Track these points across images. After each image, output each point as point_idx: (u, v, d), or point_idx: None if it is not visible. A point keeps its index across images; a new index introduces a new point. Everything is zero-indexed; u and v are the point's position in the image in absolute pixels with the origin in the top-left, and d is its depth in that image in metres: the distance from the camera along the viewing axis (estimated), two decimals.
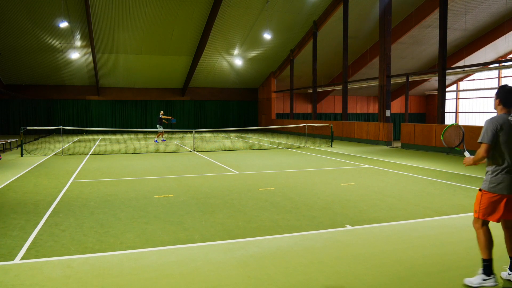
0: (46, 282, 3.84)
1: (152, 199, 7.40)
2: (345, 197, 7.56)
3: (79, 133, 30.36)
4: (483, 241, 3.73)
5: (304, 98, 34.79)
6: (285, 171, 10.86)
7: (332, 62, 29.28)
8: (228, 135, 28.64)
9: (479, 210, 3.77)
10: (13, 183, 9.18)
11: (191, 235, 5.29)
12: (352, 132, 21.82)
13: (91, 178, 9.88)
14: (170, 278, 3.93)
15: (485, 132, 3.70)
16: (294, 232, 5.40)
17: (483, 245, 3.73)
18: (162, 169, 11.27)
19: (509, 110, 3.75)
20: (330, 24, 25.07)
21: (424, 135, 16.64)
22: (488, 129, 3.68)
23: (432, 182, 9.08)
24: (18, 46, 24.39)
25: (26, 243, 4.95)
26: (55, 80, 29.68)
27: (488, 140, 3.68)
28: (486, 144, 3.69)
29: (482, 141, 3.72)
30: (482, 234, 3.74)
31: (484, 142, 3.71)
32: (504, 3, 22.65)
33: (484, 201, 3.73)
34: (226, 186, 8.65)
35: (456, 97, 33.79)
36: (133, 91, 32.27)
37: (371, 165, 12.10)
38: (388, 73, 19.26)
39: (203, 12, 23.45)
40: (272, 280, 3.88)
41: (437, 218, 6.12)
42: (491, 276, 3.70)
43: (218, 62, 29.73)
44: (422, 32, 25.19)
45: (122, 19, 23.10)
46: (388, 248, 4.77)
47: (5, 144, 16.62)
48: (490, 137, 3.67)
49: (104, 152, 16.09)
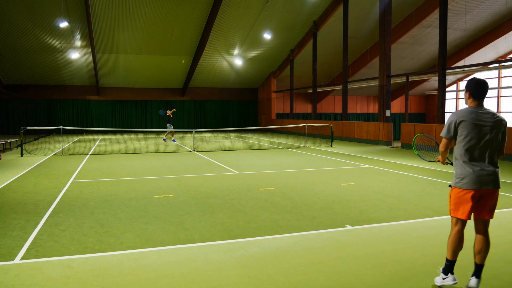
0: (46, 282, 3.84)
1: (152, 199, 7.40)
2: (345, 197, 7.56)
3: (79, 133, 30.35)
4: (451, 240, 3.67)
5: (304, 98, 34.79)
6: (285, 171, 10.86)
7: (332, 62, 29.27)
8: (228, 135, 28.64)
9: (449, 207, 3.72)
10: (13, 183, 9.18)
11: (191, 235, 5.29)
12: (352, 132, 21.82)
13: (91, 178, 9.88)
14: (170, 278, 3.93)
15: (445, 126, 3.68)
16: (294, 232, 5.40)
17: (450, 244, 3.67)
18: (162, 169, 11.27)
19: (479, 103, 3.63)
20: (330, 24, 25.07)
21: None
22: (447, 123, 3.66)
23: (432, 182, 9.08)
24: (18, 46, 24.39)
25: (26, 243, 4.95)
26: (55, 80, 29.68)
27: (445, 134, 3.67)
28: (444, 138, 3.68)
29: (441, 135, 3.72)
30: (452, 234, 3.68)
31: (442, 136, 3.70)
32: (504, 3, 22.64)
33: (453, 196, 3.68)
34: (226, 186, 8.65)
35: (456, 97, 33.79)
36: (133, 91, 32.27)
37: (371, 165, 12.10)
38: (388, 73, 19.26)
39: (203, 12, 23.45)
40: (272, 280, 3.88)
41: (437, 218, 6.12)
42: (448, 275, 3.67)
43: (218, 62, 29.72)
44: (422, 32, 25.19)
45: (122, 19, 23.10)
46: (388, 248, 4.77)
47: (5, 144, 16.62)
48: (447, 131, 3.65)
49: (104, 152, 16.09)
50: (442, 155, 3.83)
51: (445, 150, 3.76)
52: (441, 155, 3.84)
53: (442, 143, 3.73)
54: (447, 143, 3.70)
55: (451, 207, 3.69)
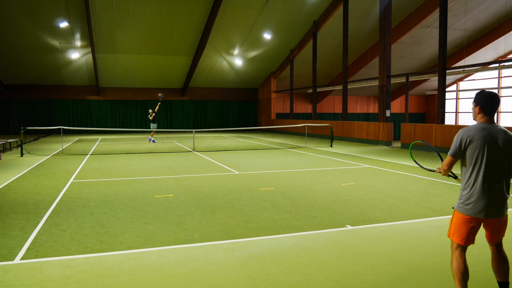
0: (46, 282, 3.84)
1: (152, 199, 7.40)
2: (345, 197, 7.56)
3: (79, 133, 30.34)
4: (455, 268, 3.27)
5: (304, 98, 34.79)
6: (285, 171, 10.86)
7: (332, 62, 29.28)
8: (228, 135, 28.64)
9: (449, 229, 3.39)
10: (13, 183, 9.18)
11: (191, 235, 5.29)
12: (352, 132, 21.82)
13: (91, 178, 9.88)
14: (170, 278, 3.93)
15: (453, 144, 3.29)
16: (294, 232, 5.40)
17: (455, 274, 3.27)
18: (162, 169, 11.27)
19: (490, 119, 3.22)
20: (330, 24, 25.07)
21: (424, 135, 16.64)
22: (455, 141, 3.25)
23: (432, 182, 9.07)
24: (18, 46, 24.38)
25: (26, 243, 4.95)
26: (55, 80, 29.67)
27: (451, 152, 3.29)
28: (449, 156, 3.31)
29: (449, 153, 3.33)
30: (454, 260, 3.30)
31: (448, 154, 3.34)
32: (504, 3, 22.65)
33: (454, 220, 3.33)
34: (226, 186, 8.65)
35: (456, 97, 33.80)
36: (133, 91, 32.26)
37: (371, 165, 12.10)
38: (388, 73, 19.26)
39: (203, 12, 23.44)
40: (272, 280, 3.88)
41: (437, 218, 6.12)
42: None
43: (218, 62, 29.72)
44: (422, 32, 25.19)
45: (122, 19, 23.10)
46: (388, 248, 4.76)
47: (5, 144, 16.62)
48: (454, 149, 3.26)
49: (104, 152, 16.08)
50: (444, 172, 3.47)
51: (448, 169, 3.40)
52: (443, 171, 3.47)
53: (447, 161, 3.35)
54: (452, 162, 3.33)
55: (451, 229, 3.35)
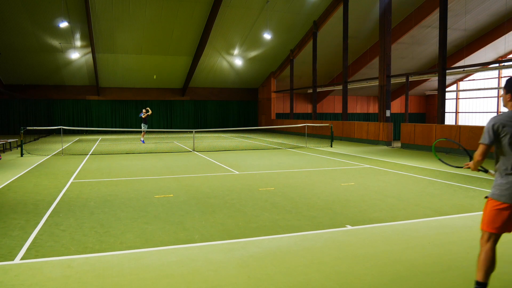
0: (46, 282, 3.84)
1: (152, 199, 7.40)
2: (345, 197, 7.55)
3: (79, 133, 30.35)
4: (482, 260, 3.28)
5: (304, 98, 34.79)
6: (285, 171, 10.86)
7: (332, 62, 29.28)
8: (228, 135, 28.64)
9: (483, 220, 3.34)
10: (13, 183, 9.18)
11: (191, 235, 5.29)
12: (352, 132, 21.82)
13: (91, 178, 9.87)
14: (170, 278, 3.93)
15: (484, 132, 3.29)
16: (294, 232, 5.40)
17: (481, 264, 3.29)
18: (162, 169, 11.27)
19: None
20: (330, 24, 25.07)
21: (424, 135, 16.63)
22: (487, 128, 3.26)
23: (432, 182, 9.07)
24: (18, 46, 24.38)
25: (26, 243, 4.95)
26: (55, 80, 29.67)
27: (484, 140, 3.28)
28: (483, 144, 3.29)
29: (480, 141, 3.34)
30: (483, 252, 3.30)
31: (481, 143, 3.31)
32: (504, 3, 22.65)
33: (488, 209, 3.29)
34: (226, 186, 8.65)
35: (456, 97, 33.79)
36: (133, 91, 32.26)
37: (371, 165, 12.10)
38: (388, 73, 19.26)
39: (203, 12, 23.44)
40: (272, 280, 3.88)
41: (437, 218, 6.12)
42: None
43: (218, 62, 29.72)
44: (422, 32, 25.19)
45: (122, 19, 23.10)
46: (388, 248, 4.76)
47: (5, 144, 16.62)
48: (487, 136, 3.25)
49: (104, 152, 16.08)
50: (477, 163, 3.39)
51: (482, 158, 3.32)
52: (475, 163, 3.40)
53: (480, 151, 3.30)
54: (486, 149, 3.28)
55: (485, 220, 3.30)
